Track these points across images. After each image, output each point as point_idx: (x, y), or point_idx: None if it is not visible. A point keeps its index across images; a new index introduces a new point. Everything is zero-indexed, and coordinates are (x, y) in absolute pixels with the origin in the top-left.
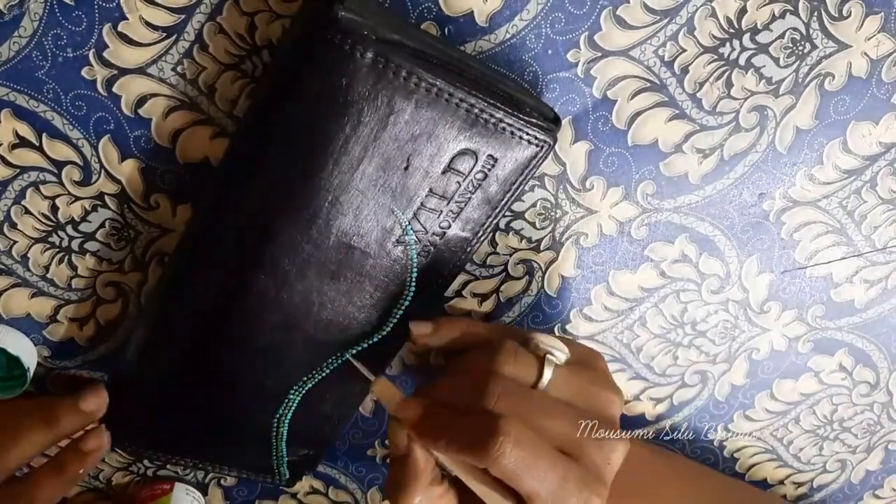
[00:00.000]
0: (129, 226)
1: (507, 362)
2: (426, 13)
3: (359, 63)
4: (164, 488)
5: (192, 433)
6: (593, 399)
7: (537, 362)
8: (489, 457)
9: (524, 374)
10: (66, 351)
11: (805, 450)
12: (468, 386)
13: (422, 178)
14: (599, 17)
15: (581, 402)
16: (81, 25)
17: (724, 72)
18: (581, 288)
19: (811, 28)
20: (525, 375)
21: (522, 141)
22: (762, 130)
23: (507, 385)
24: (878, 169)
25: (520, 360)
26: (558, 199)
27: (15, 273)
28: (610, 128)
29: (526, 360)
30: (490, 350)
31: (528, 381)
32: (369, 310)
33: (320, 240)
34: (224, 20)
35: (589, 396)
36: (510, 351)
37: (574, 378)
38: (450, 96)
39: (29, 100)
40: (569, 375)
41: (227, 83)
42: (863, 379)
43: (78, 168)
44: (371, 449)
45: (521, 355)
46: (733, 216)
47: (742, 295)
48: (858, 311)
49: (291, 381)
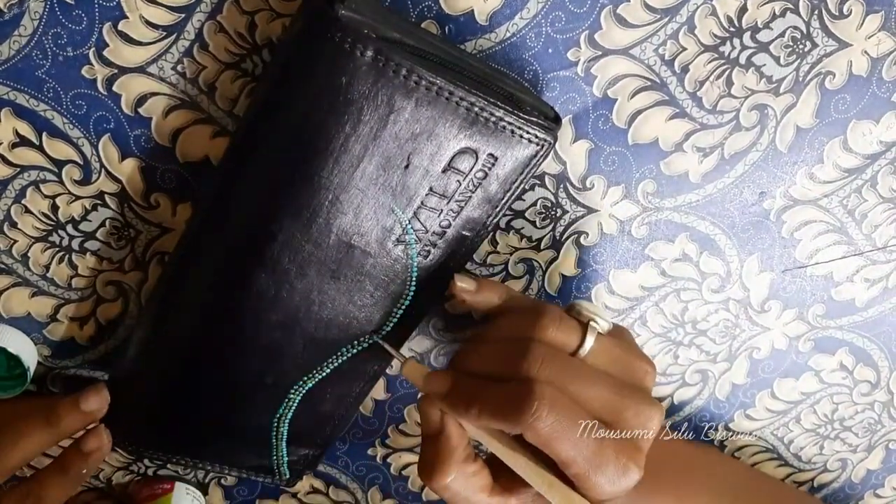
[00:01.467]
0: (130, 225)
1: (551, 326)
2: (426, 12)
3: (359, 62)
4: (165, 488)
5: (192, 432)
6: (631, 368)
7: (581, 328)
8: (524, 421)
9: (567, 339)
10: (67, 350)
11: (806, 449)
12: (509, 352)
13: (422, 177)
14: (600, 16)
15: (619, 371)
16: (81, 24)
17: (725, 70)
18: (581, 287)
19: (812, 26)
20: (567, 341)
21: (523, 140)
22: (763, 129)
23: (549, 351)
24: (879, 168)
25: (563, 325)
26: (559, 198)
27: (15, 272)
28: (610, 126)
29: (570, 325)
30: (533, 315)
31: (569, 348)
32: (370, 309)
33: (320, 239)
34: (224, 19)
35: (627, 365)
36: (554, 315)
37: (613, 347)
38: (450, 95)
39: (29, 99)
40: (609, 344)
41: (227, 82)
42: (863, 378)
43: (78, 167)
44: (371, 448)
45: (565, 320)
46: (734, 215)
47: (743, 294)
48: (859, 310)
49: (292, 381)
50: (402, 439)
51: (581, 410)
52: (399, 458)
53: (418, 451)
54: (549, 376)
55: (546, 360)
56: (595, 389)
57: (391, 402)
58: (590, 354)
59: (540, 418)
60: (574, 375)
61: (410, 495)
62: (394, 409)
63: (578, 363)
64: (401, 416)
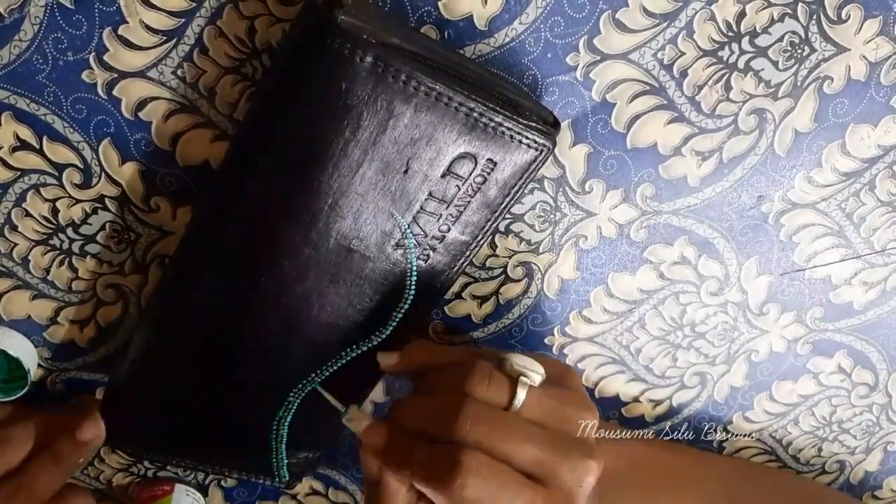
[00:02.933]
0: (130, 228)
1: (481, 384)
2: (426, 17)
3: (358, 67)
4: (165, 489)
5: (192, 435)
6: (567, 420)
7: (510, 384)
8: (450, 491)
9: (497, 396)
10: (67, 353)
11: (804, 451)
12: (440, 408)
13: (421, 182)
14: (598, 21)
15: (554, 423)
16: (82, 29)
17: (723, 75)
18: (580, 290)
19: (810, 31)
20: (498, 398)
21: (522, 144)
22: (761, 133)
23: (480, 410)
24: (877, 171)
25: (493, 382)
26: (558, 202)
27: (16, 275)
28: (609, 131)
29: (499, 382)
30: (463, 371)
31: (500, 404)
32: (369, 312)
33: (320, 243)
34: (224, 24)
35: (562, 418)
36: (484, 372)
37: (547, 399)
38: (449, 100)
39: (30, 103)
40: (542, 396)
41: (227, 86)
42: (862, 380)
43: (78, 171)
44: None
45: (495, 377)
46: (732, 218)
47: (741, 297)
48: (857, 312)
49: (292, 383)
50: None
51: (510, 473)
52: None
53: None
54: (477, 438)
55: (475, 420)
56: (526, 447)
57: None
58: (523, 408)
59: (465, 488)
60: (505, 434)
61: None
62: None
63: (510, 419)
64: None
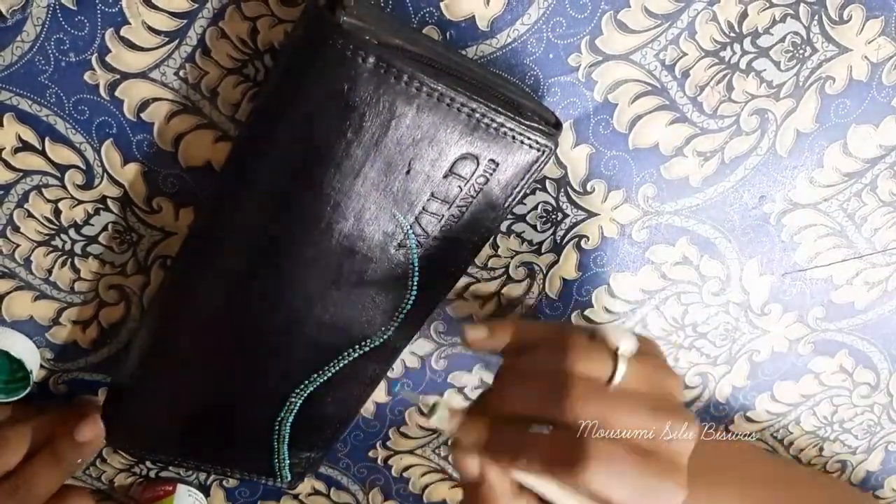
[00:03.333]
0: (132, 229)
1: (581, 360)
2: (428, 18)
3: (360, 68)
4: (167, 489)
5: (194, 435)
6: (661, 387)
7: (611, 356)
8: (578, 479)
9: (598, 371)
10: (69, 353)
11: (805, 451)
12: (542, 391)
13: (423, 183)
14: (600, 22)
15: (651, 392)
16: (84, 30)
17: (725, 75)
18: (582, 290)
19: (812, 32)
20: (599, 372)
21: (524, 145)
22: (763, 134)
23: (587, 388)
24: (879, 172)
25: (594, 356)
26: (560, 202)
27: (18, 276)
28: (611, 131)
29: (599, 354)
30: (560, 347)
31: (602, 379)
32: (371, 313)
33: (322, 243)
34: (226, 25)
35: (657, 385)
36: (582, 347)
37: (643, 369)
38: (451, 101)
39: (32, 104)
40: (638, 367)
41: (229, 87)
42: (863, 380)
43: (80, 172)
44: (373, 450)
45: (594, 349)
46: (734, 219)
47: (743, 297)
48: (859, 312)
49: (293, 384)
50: (404, 441)
51: (629, 453)
52: (400, 461)
53: (419, 453)
54: (590, 416)
55: (584, 399)
56: (633, 419)
57: (392, 405)
58: (623, 381)
59: (593, 473)
60: (614, 409)
61: (411, 497)
62: (395, 412)
63: (617, 396)
64: (401, 418)
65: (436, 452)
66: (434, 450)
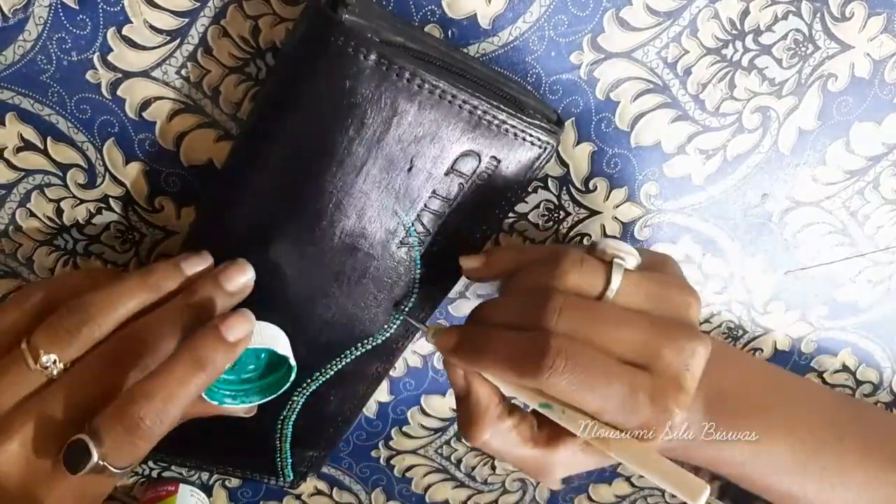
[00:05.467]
0: (134, 228)
1: (571, 271)
2: (429, 16)
3: (362, 65)
4: (169, 489)
5: (196, 435)
6: (668, 303)
7: (605, 268)
8: (541, 376)
9: (590, 283)
10: None
11: None
12: (526, 303)
13: (425, 180)
14: (602, 19)
15: (655, 307)
16: (86, 29)
17: (727, 73)
18: None
19: (814, 29)
20: (591, 285)
21: (525, 142)
22: (765, 131)
23: (569, 299)
24: (882, 169)
25: (585, 267)
26: (562, 201)
27: (20, 275)
28: (613, 129)
29: (592, 266)
30: (552, 262)
31: (594, 292)
32: (373, 311)
33: (324, 241)
34: (227, 23)
35: (663, 300)
36: (575, 259)
37: (645, 282)
38: (453, 98)
39: (34, 103)
40: (640, 280)
41: (230, 86)
42: (866, 379)
43: (83, 171)
44: (375, 450)
45: (587, 262)
46: (736, 217)
47: (745, 295)
48: (862, 311)
49: (295, 383)
50: (406, 441)
51: (603, 358)
52: (402, 460)
53: (422, 453)
54: (568, 327)
55: (565, 309)
56: (624, 332)
57: (394, 405)
58: (619, 295)
59: (556, 372)
60: (598, 321)
61: (414, 497)
62: (397, 412)
63: (603, 307)
64: (404, 418)
65: (438, 452)
66: (437, 450)
